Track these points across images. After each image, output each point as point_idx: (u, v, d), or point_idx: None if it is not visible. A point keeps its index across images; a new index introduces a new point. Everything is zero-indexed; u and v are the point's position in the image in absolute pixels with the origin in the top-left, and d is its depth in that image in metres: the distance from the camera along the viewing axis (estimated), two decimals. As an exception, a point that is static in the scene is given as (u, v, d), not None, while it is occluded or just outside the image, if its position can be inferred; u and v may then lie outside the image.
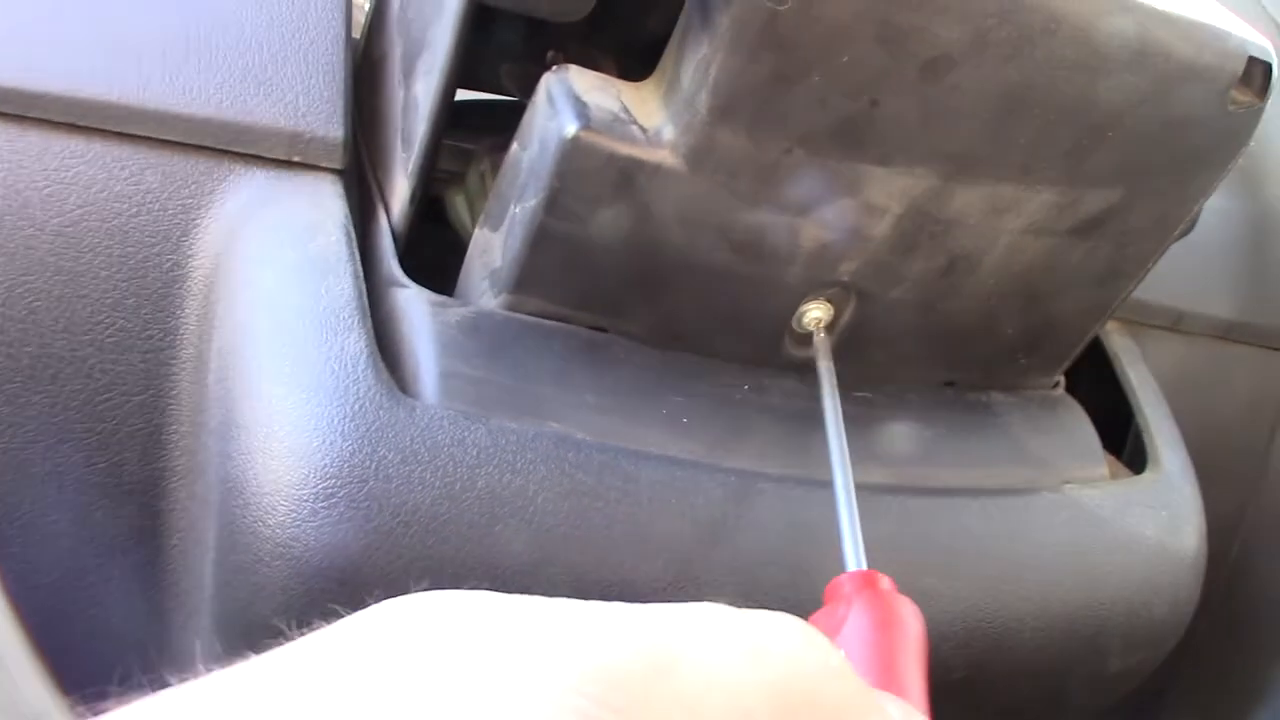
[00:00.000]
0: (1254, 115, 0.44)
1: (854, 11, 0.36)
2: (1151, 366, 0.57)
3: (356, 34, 0.49)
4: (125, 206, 0.41)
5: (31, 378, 0.42)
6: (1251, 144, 0.45)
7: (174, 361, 0.42)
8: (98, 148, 0.41)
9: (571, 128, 0.38)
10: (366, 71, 0.47)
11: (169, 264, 0.42)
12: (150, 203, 0.42)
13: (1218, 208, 0.59)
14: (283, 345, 0.38)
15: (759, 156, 0.39)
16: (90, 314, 0.42)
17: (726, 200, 0.40)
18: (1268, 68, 0.43)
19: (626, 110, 0.39)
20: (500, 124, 0.45)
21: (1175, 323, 0.59)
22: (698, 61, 0.37)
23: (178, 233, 0.42)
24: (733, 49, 0.36)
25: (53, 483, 0.44)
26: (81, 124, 0.41)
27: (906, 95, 0.38)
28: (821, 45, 0.36)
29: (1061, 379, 0.53)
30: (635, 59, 0.42)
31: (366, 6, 0.50)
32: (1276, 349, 0.62)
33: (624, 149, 0.38)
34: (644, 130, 0.39)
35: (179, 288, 0.42)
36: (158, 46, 0.42)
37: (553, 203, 0.39)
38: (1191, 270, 0.58)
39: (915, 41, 0.37)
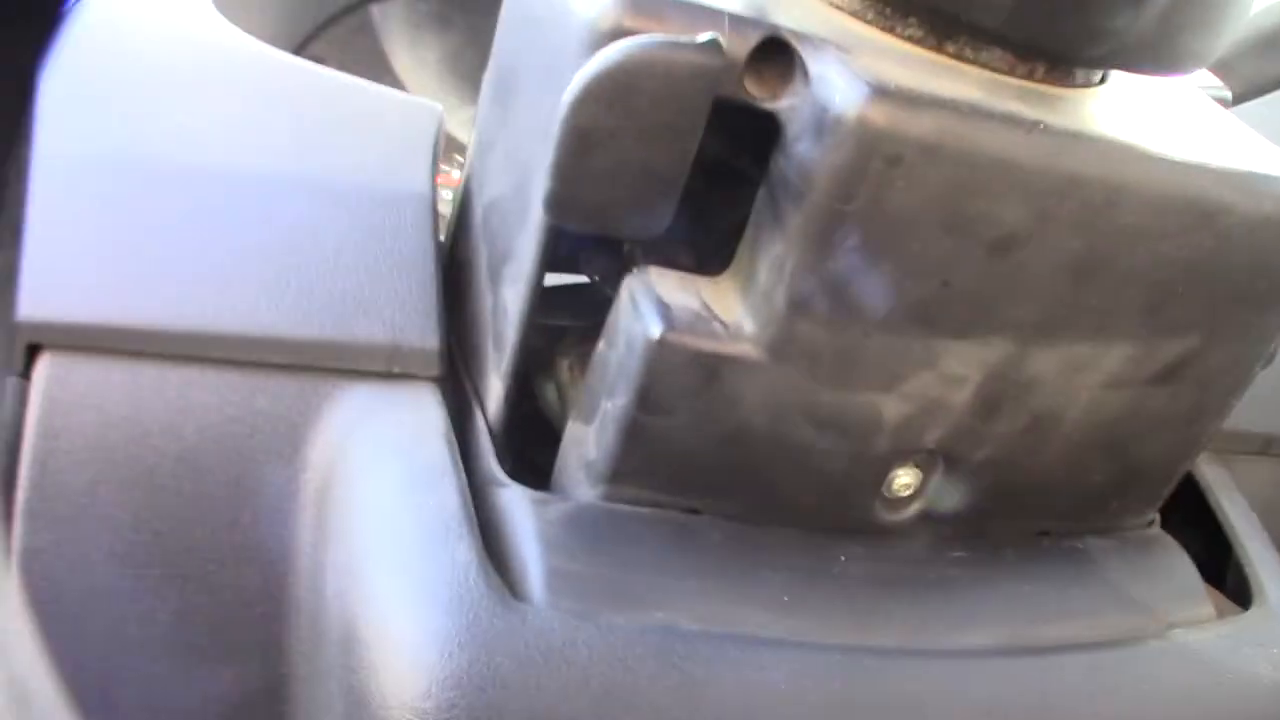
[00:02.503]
0: (1322, 252, 0.45)
1: (920, 203, 0.38)
2: (1246, 494, 0.57)
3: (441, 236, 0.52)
4: (239, 429, 0.44)
5: (159, 595, 0.44)
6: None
7: (292, 574, 0.44)
8: (210, 376, 0.44)
9: (656, 330, 0.39)
10: (453, 275, 0.50)
11: (282, 480, 0.44)
12: (261, 424, 0.44)
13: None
14: (396, 559, 0.39)
15: (837, 342, 0.40)
16: (211, 533, 0.44)
17: (809, 384, 0.41)
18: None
19: (707, 307, 0.41)
20: (583, 308, 0.47)
21: (1265, 447, 0.58)
22: (772, 259, 0.39)
23: (289, 450, 0.44)
24: (805, 247, 0.38)
25: (178, 693, 0.45)
26: (193, 355, 0.44)
27: (976, 274, 0.40)
28: (891, 237, 0.38)
29: (1156, 516, 0.53)
30: (710, 247, 0.44)
31: (448, 211, 0.53)
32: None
33: (707, 346, 0.40)
34: (725, 326, 0.40)
35: (293, 502, 0.44)
36: (256, 275, 0.45)
37: (643, 400, 0.41)
38: (1277, 393, 0.58)
39: (981, 224, 0.39)
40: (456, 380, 0.48)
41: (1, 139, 0.41)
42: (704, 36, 0.35)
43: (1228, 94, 0.56)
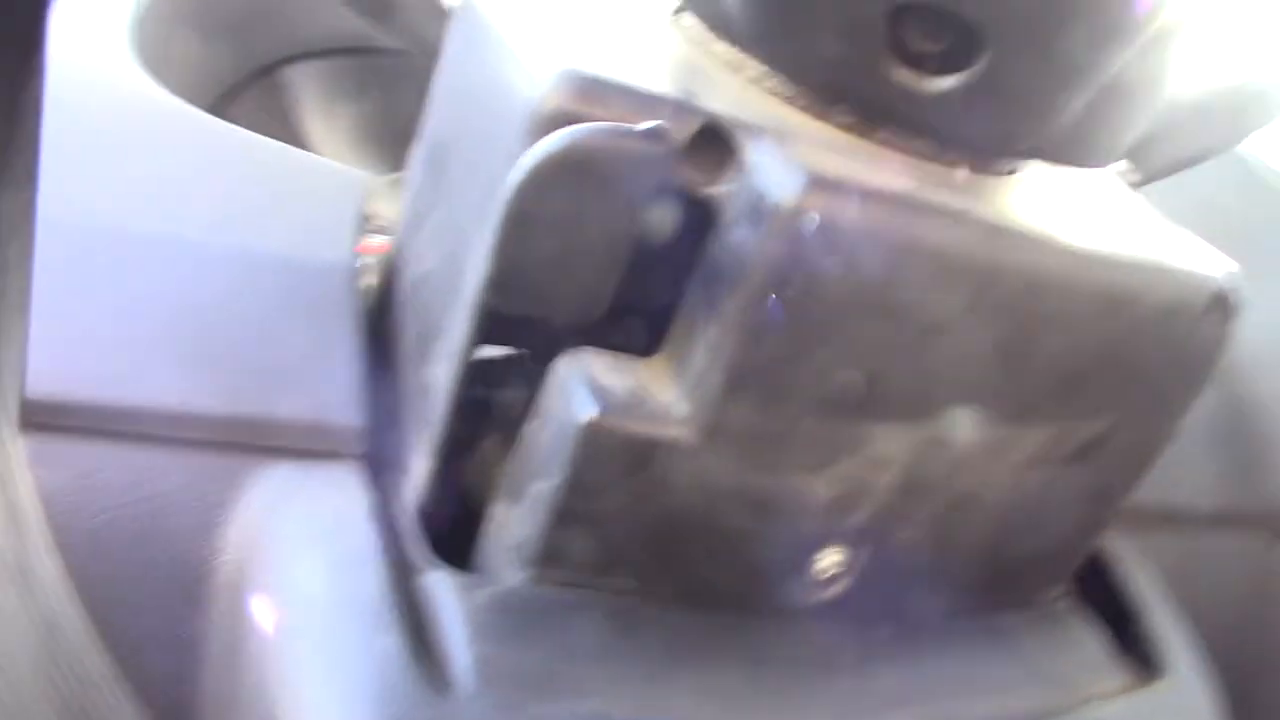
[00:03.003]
0: (1224, 335, 0.46)
1: (853, 290, 0.38)
2: (1151, 566, 0.58)
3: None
4: (149, 509, 0.42)
5: (54, 685, 0.42)
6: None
7: (203, 662, 0.42)
8: (124, 452, 0.42)
9: (590, 413, 0.39)
10: (375, 349, 0.49)
11: (196, 562, 0.42)
12: (174, 504, 0.42)
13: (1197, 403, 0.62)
14: (320, 649, 0.38)
15: (770, 426, 0.40)
16: (120, 616, 0.42)
17: (741, 468, 0.41)
18: (1230, 294, 0.46)
19: (640, 390, 0.40)
20: (507, 382, 0.46)
21: (1167, 520, 0.60)
22: (707, 342, 0.39)
23: (203, 531, 0.42)
24: (741, 331, 0.38)
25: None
26: (101, 430, 0.42)
27: (906, 359, 0.40)
28: (824, 323, 0.39)
29: (1067, 590, 0.54)
30: (639, 328, 0.44)
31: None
32: (1266, 531, 0.64)
33: (641, 430, 0.39)
34: (658, 409, 0.40)
35: (206, 585, 0.42)
36: (171, 347, 0.44)
37: (574, 483, 0.40)
38: (1179, 465, 0.60)
39: (911, 312, 0.39)
40: (378, 458, 0.47)
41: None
42: (649, 124, 0.35)
43: (1137, 176, 0.58)
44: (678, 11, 0.49)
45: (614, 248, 0.37)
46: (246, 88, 0.76)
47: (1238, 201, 0.74)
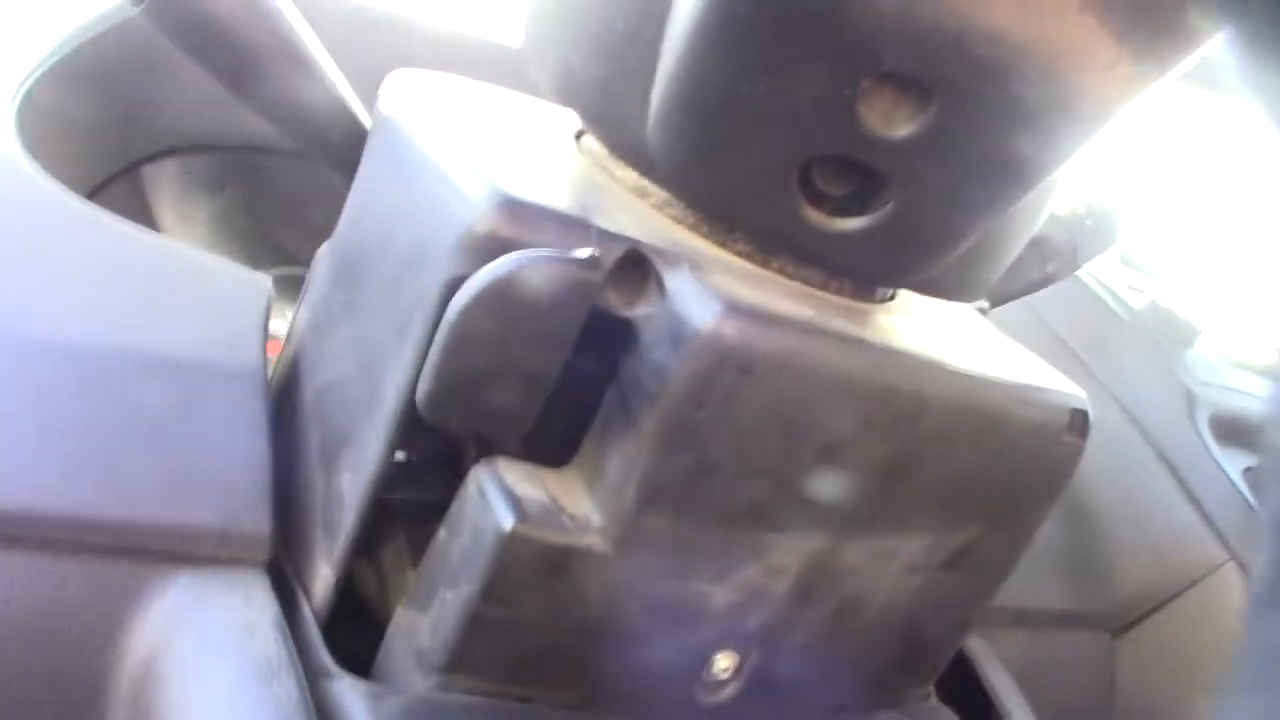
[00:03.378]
0: (1078, 451, 0.51)
1: (762, 410, 0.41)
2: (1002, 660, 0.62)
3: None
4: (46, 617, 0.41)
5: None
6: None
7: (98, 774, 0.41)
8: (17, 558, 0.41)
9: (507, 523, 0.40)
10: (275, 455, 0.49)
11: (92, 674, 0.41)
12: (73, 612, 0.41)
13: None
14: (235, 762, 0.37)
15: (679, 536, 0.42)
16: (8, 729, 0.41)
17: (649, 576, 0.43)
18: (1085, 414, 0.50)
19: (555, 500, 0.42)
20: (411, 486, 0.47)
21: (1018, 620, 0.64)
22: (622, 456, 0.41)
23: (101, 640, 0.41)
24: (656, 446, 0.40)
25: None
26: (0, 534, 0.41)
27: (805, 474, 0.43)
28: (734, 440, 0.41)
29: (932, 689, 0.58)
30: (546, 440, 0.45)
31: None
32: (1103, 630, 0.69)
33: (557, 539, 0.41)
34: (573, 519, 0.42)
35: (102, 697, 0.41)
36: (74, 450, 0.43)
37: (488, 591, 0.41)
38: (1028, 570, 0.65)
39: (813, 430, 0.42)
40: (278, 565, 0.46)
41: None
42: (586, 253, 0.37)
43: (985, 304, 0.64)
44: (580, 135, 0.51)
45: (548, 368, 0.38)
46: (113, 182, 0.75)
47: (1074, 323, 0.81)
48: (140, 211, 0.83)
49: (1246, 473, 0.75)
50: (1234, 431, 0.78)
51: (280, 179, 0.84)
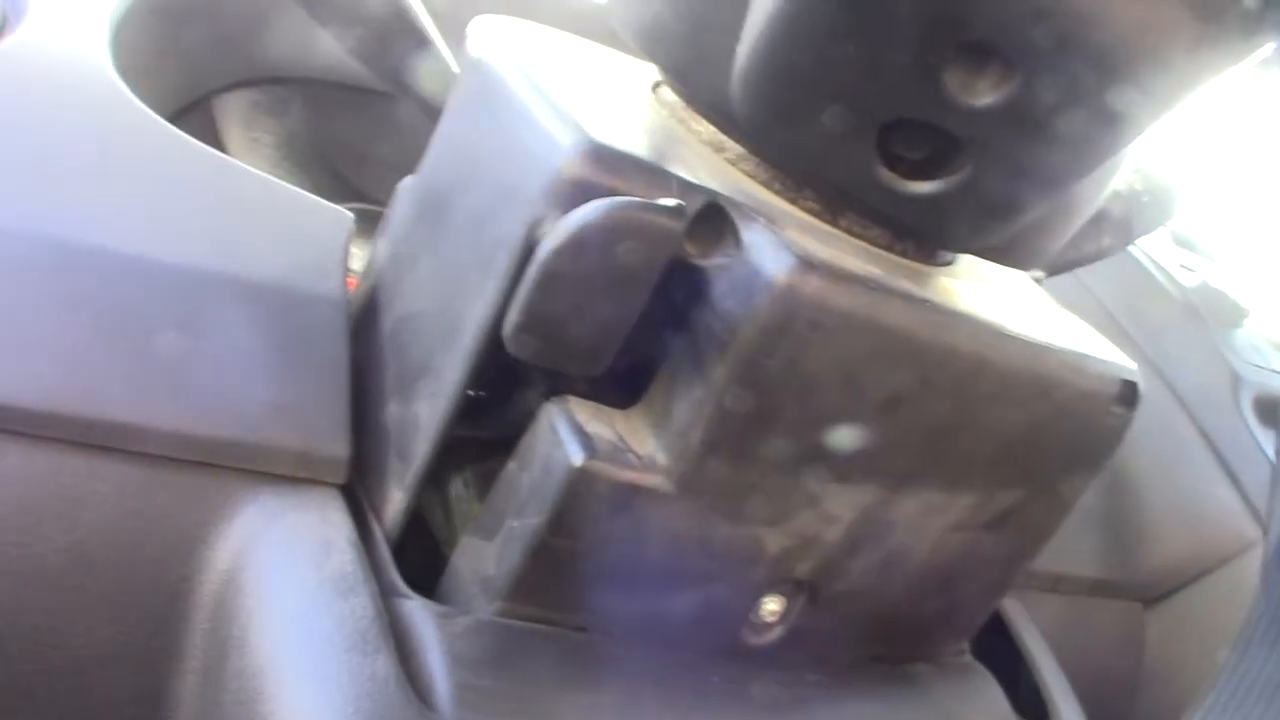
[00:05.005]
0: (1126, 422, 0.52)
1: (828, 363, 0.42)
2: (1038, 626, 0.64)
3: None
4: (136, 524, 0.43)
5: (28, 695, 0.42)
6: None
7: (175, 675, 0.43)
8: (111, 467, 0.43)
9: (578, 458, 0.42)
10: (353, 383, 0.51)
11: (175, 579, 0.44)
12: (160, 520, 0.43)
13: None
14: (311, 668, 0.40)
15: (739, 480, 0.44)
16: (90, 629, 0.43)
17: (708, 517, 0.44)
18: (1135, 386, 0.51)
19: (622, 439, 0.44)
20: (481, 421, 0.49)
21: (1055, 585, 0.66)
22: (690, 400, 0.42)
23: (186, 549, 0.44)
24: (724, 393, 0.42)
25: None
26: (95, 444, 0.43)
27: (863, 428, 0.44)
28: (798, 390, 0.42)
29: (967, 646, 0.59)
30: (616, 382, 0.47)
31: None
32: (1136, 600, 0.70)
33: (624, 477, 0.42)
34: (639, 458, 0.43)
35: (184, 603, 0.44)
36: (166, 369, 0.45)
37: (554, 523, 0.43)
38: (1066, 537, 0.66)
39: (874, 386, 0.43)
40: (351, 488, 0.48)
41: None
42: (672, 202, 0.38)
43: (1040, 273, 0.64)
44: (656, 86, 0.52)
45: (628, 311, 0.40)
46: (190, 110, 0.77)
47: (1124, 298, 0.82)
48: (209, 140, 0.85)
49: (1287, 454, 0.75)
50: (1277, 413, 0.78)
51: (348, 114, 0.86)
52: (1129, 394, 0.51)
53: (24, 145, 0.48)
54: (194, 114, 0.79)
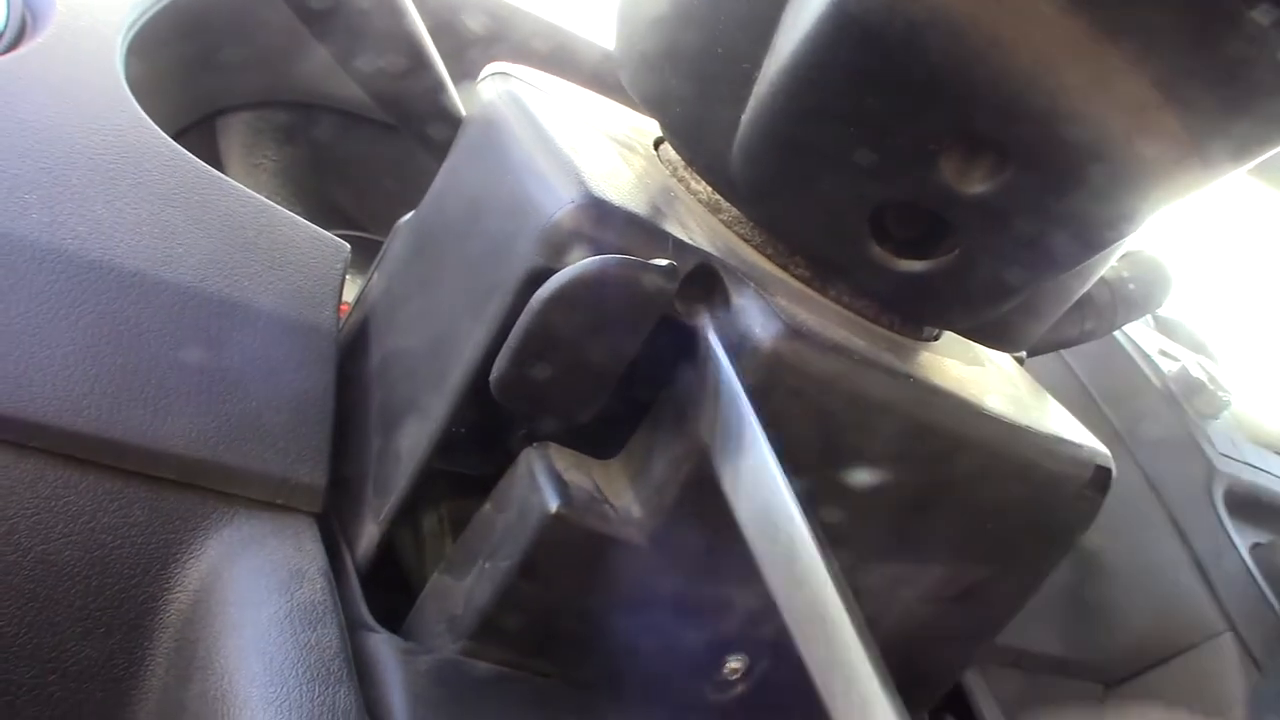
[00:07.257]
0: (1097, 506, 0.53)
1: (807, 429, 0.43)
2: (996, 698, 0.64)
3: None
4: (109, 538, 0.43)
5: (-12, 704, 0.42)
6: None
7: (135, 692, 0.43)
8: (90, 480, 0.43)
9: (554, 505, 0.42)
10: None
11: (145, 596, 0.44)
12: (133, 536, 0.44)
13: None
14: (275, 696, 0.40)
15: (712, 537, 0.44)
16: (58, 641, 0.43)
17: (678, 572, 0.45)
18: (1108, 472, 0.52)
19: (599, 489, 0.44)
20: (459, 459, 0.49)
21: (1017, 660, 0.66)
22: (670, 457, 0.43)
23: (158, 567, 0.44)
24: (704, 451, 0.42)
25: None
26: (73, 455, 0.43)
27: (838, 495, 0.45)
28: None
29: (927, 716, 0.60)
30: (593, 433, 0.47)
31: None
32: (1098, 682, 0.71)
33: (598, 527, 0.43)
34: (614, 509, 0.44)
35: (152, 620, 0.44)
36: (153, 386, 0.45)
37: (526, 567, 0.43)
38: (1032, 615, 0.67)
39: (850, 455, 0.44)
40: (326, 518, 0.49)
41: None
42: (664, 262, 0.39)
43: (1023, 353, 0.65)
44: (658, 144, 0.53)
45: (615, 364, 0.41)
46: (192, 129, 0.77)
47: (1104, 380, 0.83)
48: (209, 160, 0.86)
49: (1255, 548, 0.76)
50: (1248, 507, 0.79)
51: (351, 144, 0.87)
52: (1102, 479, 0.52)
53: (26, 152, 0.48)
54: (195, 133, 0.80)
